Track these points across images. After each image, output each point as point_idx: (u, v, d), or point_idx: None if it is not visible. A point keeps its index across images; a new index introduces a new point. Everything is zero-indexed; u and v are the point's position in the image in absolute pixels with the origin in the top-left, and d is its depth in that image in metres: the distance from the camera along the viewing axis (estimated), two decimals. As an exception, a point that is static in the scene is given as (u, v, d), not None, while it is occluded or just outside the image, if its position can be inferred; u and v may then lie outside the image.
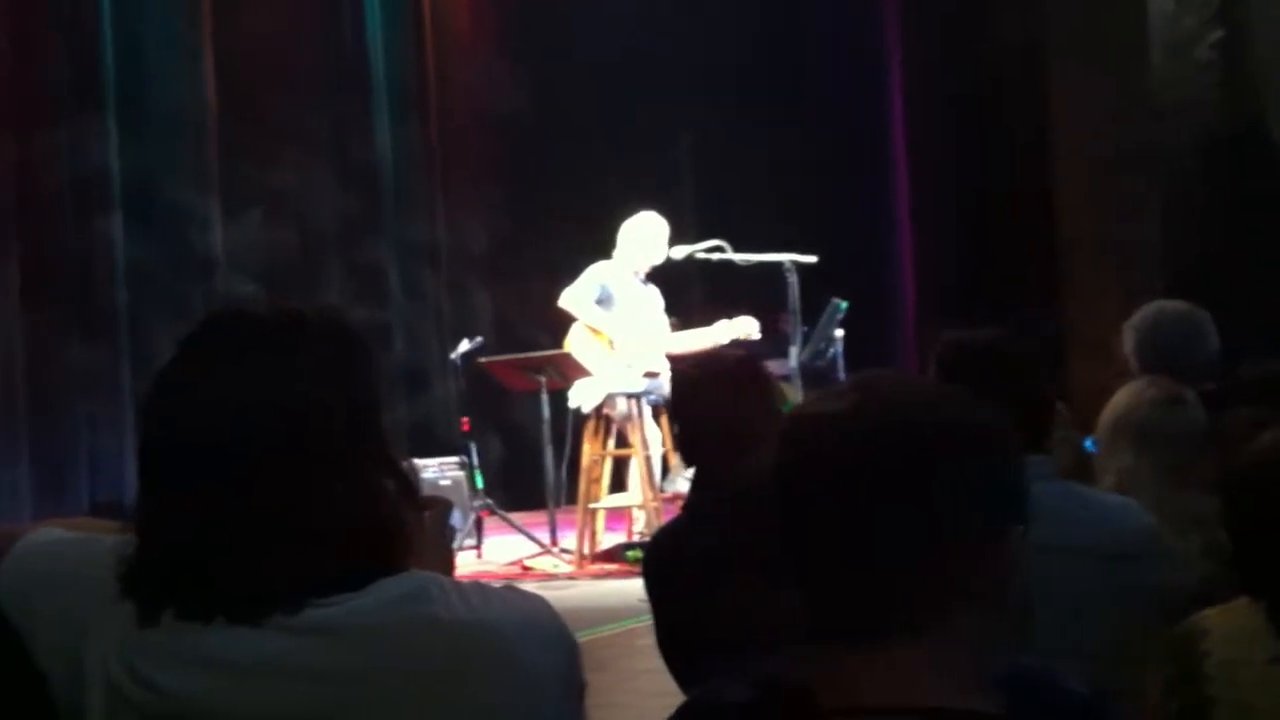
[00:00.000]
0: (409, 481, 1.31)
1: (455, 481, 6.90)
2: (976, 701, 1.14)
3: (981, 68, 8.65)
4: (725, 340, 6.68)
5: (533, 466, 7.00)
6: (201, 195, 8.23)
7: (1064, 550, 2.08)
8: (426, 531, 1.36)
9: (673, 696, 2.39)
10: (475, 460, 7.11)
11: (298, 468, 1.23)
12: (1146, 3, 7.94)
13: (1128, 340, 3.64)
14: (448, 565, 1.43)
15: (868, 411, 1.16)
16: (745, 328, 6.73)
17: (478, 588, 1.28)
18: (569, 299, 6.67)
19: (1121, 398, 2.88)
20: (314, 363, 1.27)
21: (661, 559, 2.67)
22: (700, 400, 2.69)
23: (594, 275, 6.71)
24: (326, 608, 1.21)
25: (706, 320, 6.88)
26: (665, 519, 6.01)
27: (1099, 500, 2.38)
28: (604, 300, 6.68)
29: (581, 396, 6.58)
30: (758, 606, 1.46)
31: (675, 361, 6.53)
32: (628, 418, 6.55)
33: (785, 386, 6.17)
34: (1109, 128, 8.12)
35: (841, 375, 6.61)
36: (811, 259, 6.51)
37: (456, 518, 6.59)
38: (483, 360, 7.06)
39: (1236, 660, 1.77)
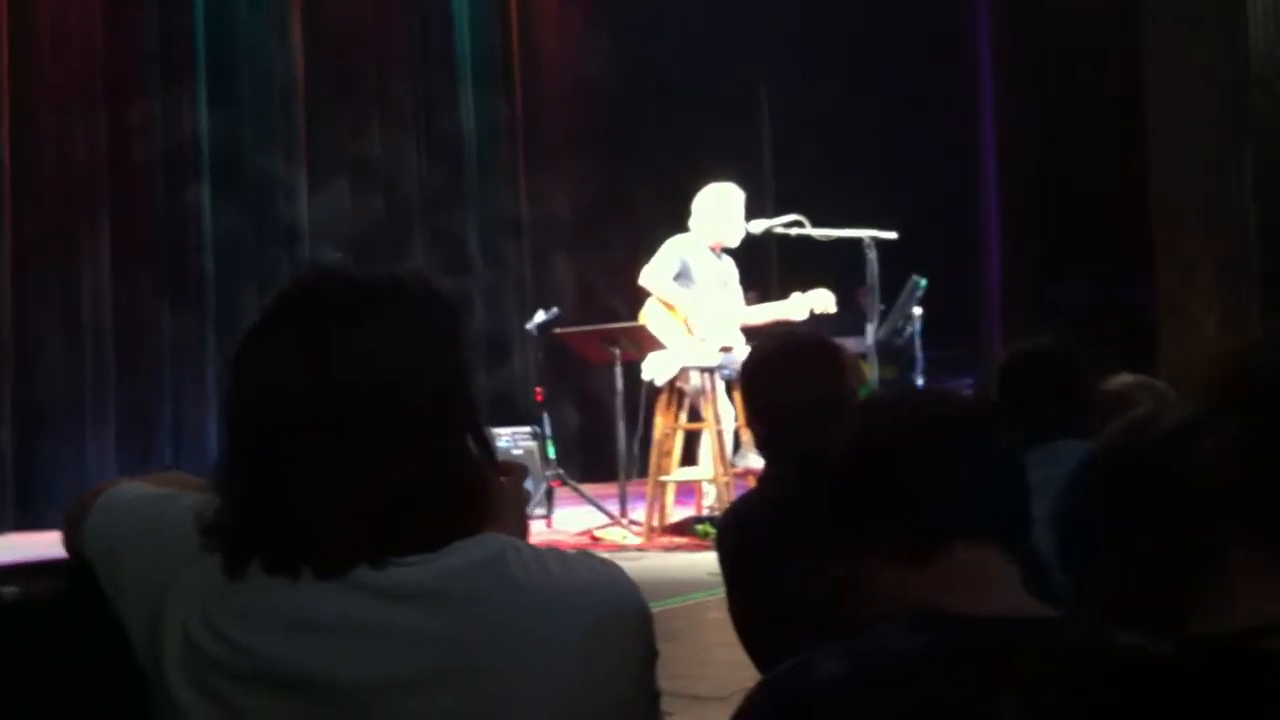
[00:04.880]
0: (490, 446, 1.31)
1: (528, 451, 6.92)
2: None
3: (1073, 32, 8.45)
4: (802, 314, 6.61)
5: (605, 438, 7.00)
6: (288, 165, 8.35)
7: None
8: (504, 495, 1.37)
9: (747, 669, 2.36)
10: (548, 430, 7.13)
11: (386, 428, 1.23)
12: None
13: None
14: (522, 529, 1.45)
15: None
16: (822, 301, 6.62)
17: (555, 554, 1.28)
18: (647, 277, 6.62)
19: None
20: (407, 325, 1.27)
21: (737, 532, 2.61)
22: (772, 378, 2.65)
23: (672, 251, 6.65)
24: (410, 566, 1.22)
25: (783, 295, 6.81)
26: (735, 494, 6.00)
27: None
28: (682, 275, 6.63)
29: (655, 369, 6.56)
30: (827, 582, 1.43)
31: (750, 336, 6.49)
32: (701, 392, 6.51)
33: (862, 364, 6.10)
34: (1203, 94, 7.88)
35: (919, 354, 6.51)
36: (892, 235, 6.41)
37: (529, 485, 6.62)
38: (559, 331, 7.07)
39: None
